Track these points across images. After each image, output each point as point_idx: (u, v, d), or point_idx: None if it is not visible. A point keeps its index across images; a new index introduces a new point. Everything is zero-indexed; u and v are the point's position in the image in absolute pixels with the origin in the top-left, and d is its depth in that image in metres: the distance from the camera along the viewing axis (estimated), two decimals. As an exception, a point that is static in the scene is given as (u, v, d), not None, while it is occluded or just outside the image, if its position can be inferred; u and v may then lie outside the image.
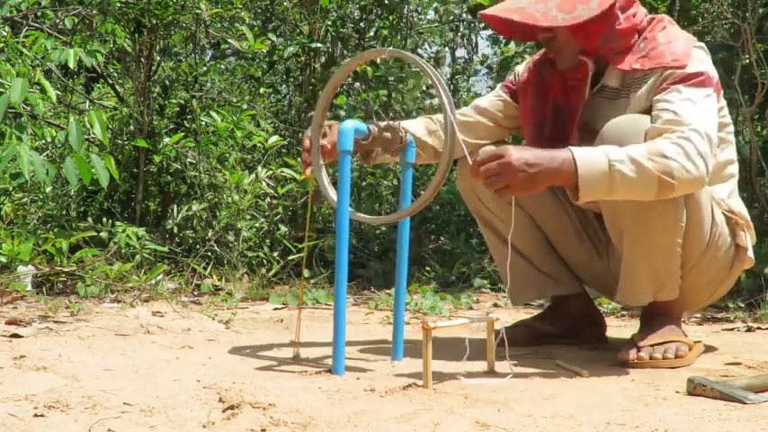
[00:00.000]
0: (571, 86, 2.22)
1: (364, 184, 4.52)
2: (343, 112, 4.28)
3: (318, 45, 4.51)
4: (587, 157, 1.86)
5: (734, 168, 2.28)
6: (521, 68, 2.40)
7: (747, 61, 3.62)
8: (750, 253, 2.28)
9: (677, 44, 2.11)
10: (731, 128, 2.26)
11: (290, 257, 3.74)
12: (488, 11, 2.15)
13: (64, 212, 3.82)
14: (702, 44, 2.17)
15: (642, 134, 1.98)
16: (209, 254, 3.74)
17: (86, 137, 3.75)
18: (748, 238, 2.27)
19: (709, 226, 2.15)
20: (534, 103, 2.29)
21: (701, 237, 2.13)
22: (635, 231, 2.08)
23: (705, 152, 1.93)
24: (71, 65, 3.28)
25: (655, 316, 2.21)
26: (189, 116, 4.10)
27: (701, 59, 2.11)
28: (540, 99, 2.29)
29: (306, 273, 3.76)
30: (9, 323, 2.50)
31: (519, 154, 1.83)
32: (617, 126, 2.02)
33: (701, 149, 1.93)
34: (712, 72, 2.12)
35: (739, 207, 2.27)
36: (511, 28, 2.25)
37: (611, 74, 2.17)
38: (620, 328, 2.80)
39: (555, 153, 1.87)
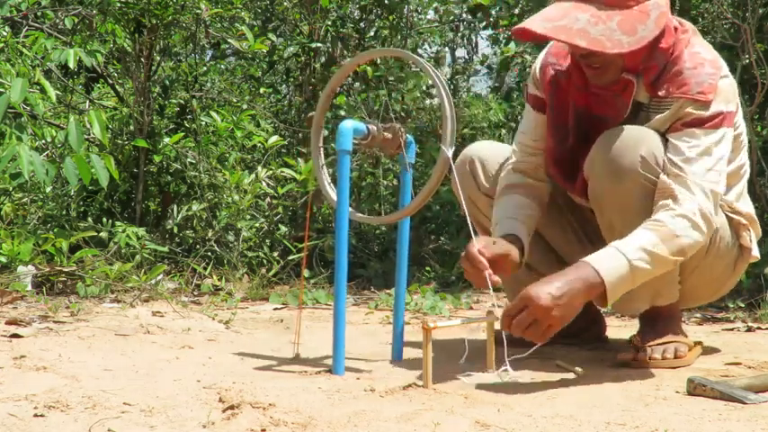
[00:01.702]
0: (595, 94, 2.12)
1: (364, 184, 4.52)
2: (343, 112, 4.28)
3: (318, 45, 4.51)
4: (609, 267, 1.87)
5: (745, 170, 2.26)
6: (537, 71, 2.26)
7: (747, 61, 3.62)
8: (755, 251, 2.26)
9: (703, 72, 2.03)
10: (744, 135, 2.22)
11: (290, 257, 3.74)
12: (540, 29, 1.96)
13: (64, 212, 3.82)
14: (726, 70, 2.08)
15: (637, 152, 1.99)
16: (209, 254, 3.74)
17: (86, 137, 3.75)
18: (753, 237, 2.24)
19: None
20: (554, 111, 2.19)
21: None
22: None
23: (710, 213, 1.98)
24: (71, 65, 3.28)
25: (654, 317, 2.20)
26: (189, 116, 4.10)
27: (725, 96, 2.03)
28: (559, 106, 2.18)
29: (306, 273, 3.77)
30: (9, 323, 2.50)
31: (544, 293, 1.83)
32: (615, 137, 2.02)
33: (707, 212, 1.97)
34: (734, 104, 2.07)
35: (746, 207, 2.25)
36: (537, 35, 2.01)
37: (641, 89, 2.08)
38: (620, 328, 2.80)
39: (576, 274, 1.87)
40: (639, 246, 1.90)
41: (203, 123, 4.07)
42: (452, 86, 5.80)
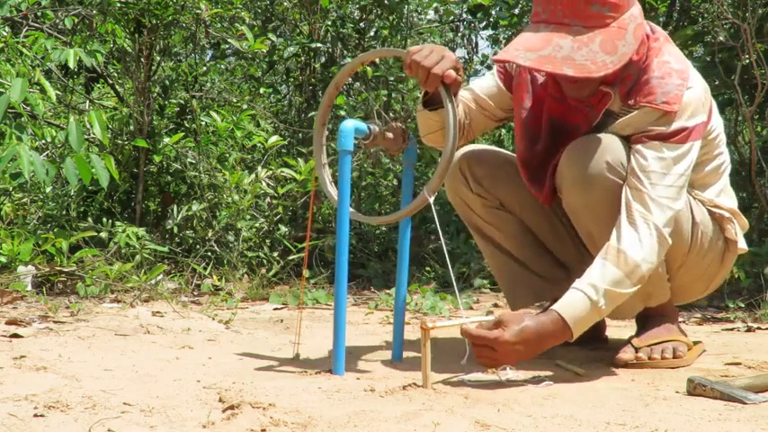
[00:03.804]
0: (573, 106, 2.14)
1: (364, 184, 4.51)
2: (343, 112, 4.28)
3: (318, 45, 4.51)
4: (578, 317, 1.93)
5: (724, 168, 2.26)
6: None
7: (747, 61, 3.62)
8: (742, 243, 2.27)
9: (670, 83, 2.02)
10: (722, 134, 2.22)
11: (290, 257, 3.74)
12: (525, 62, 1.94)
13: (64, 212, 3.82)
14: (694, 80, 2.07)
15: (603, 159, 2.02)
16: (209, 254, 3.74)
17: (86, 137, 3.75)
18: (737, 229, 2.26)
19: (689, 229, 2.15)
20: (526, 116, 2.21)
21: (680, 241, 2.13)
22: None
23: (666, 232, 2.00)
24: (71, 65, 3.28)
25: (651, 317, 2.20)
26: (189, 116, 4.10)
27: (692, 110, 2.03)
28: (533, 112, 2.20)
29: (306, 273, 3.77)
30: (9, 323, 2.50)
31: (512, 332, 1.88)
32: (581, 147, 2.05)
33: (663, 232, 2.00)
34: (704, 114, 2.06)
35: (728, 202, 2.25)
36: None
37: (616, 100, 2.09)
38: (619, 328, 2.80)
39: (547, 326, 1.92)
40: (605, 287, 1.94)
41: (203, 123, 4.07)
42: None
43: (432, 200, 1.95)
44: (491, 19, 4.74)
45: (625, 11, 1.99)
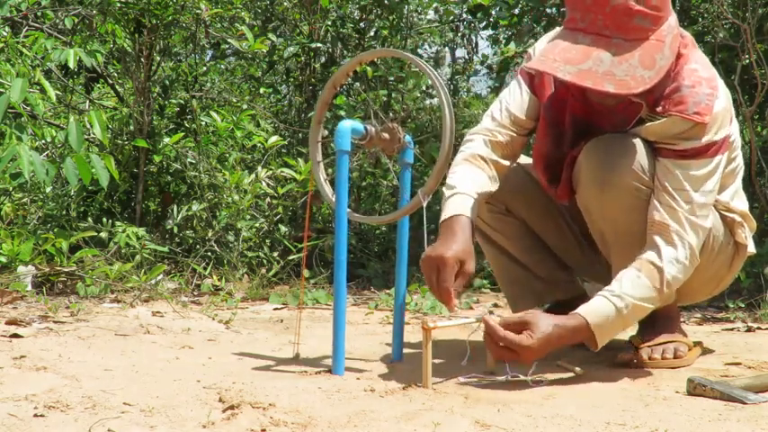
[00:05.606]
0: (597, 110, 2.10)
1: (364, 184, 4.51)
2: (343, 113, 4.28)
3: (318, 45, 4.51)
4: (603, 325, 1.94)
5: (739, 170, 2.24)
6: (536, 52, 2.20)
7: (747, 61, 3.62)
8: (751, 246, 2.26)
9: (701, 92, 1.98)
10: (738, 137, 2.19)
11: (290, 257, 3.74)
12: (566, 76, 1.87)
13: (64, 212, 3.82)
14: (721, 88, 2.05)
15: (624, 162, 1.99)
16: (209, 254, 3.74)
17: (86, 137, 3.75)
18: (747, 232, 2.24)
19: None
20: (550, 114, 2.16)
21: None
22: (623, 252, 2.06)
23: (697, 252, 2.02)
24: (71, 65, 3.28)
25: (653, 317, 2.20)
26: (189, 116, 4.11)
27: (721, 122, 2.01)
28: (555, 110, 2.15)
29: (306, 273, 3.77)
30: (9, 323, 2.50)
31: (537, 337, 1.87)
32: (602, 147, 2.04)
33: (696, 252, 2.02)
34: (725, 128, 2.03)
35: (740, 204, 2.24)
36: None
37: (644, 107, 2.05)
38: (620, 328, 2.80)
39: (572, 330, 1.92)
40: (635, 302, 1.94)
41: (203, 123, 4.07)
42: (452, 86, 5.80)
43: (426, 203, 1.96)
44: (491, 19, 4.74)
45: (663, 22, 1.94)
